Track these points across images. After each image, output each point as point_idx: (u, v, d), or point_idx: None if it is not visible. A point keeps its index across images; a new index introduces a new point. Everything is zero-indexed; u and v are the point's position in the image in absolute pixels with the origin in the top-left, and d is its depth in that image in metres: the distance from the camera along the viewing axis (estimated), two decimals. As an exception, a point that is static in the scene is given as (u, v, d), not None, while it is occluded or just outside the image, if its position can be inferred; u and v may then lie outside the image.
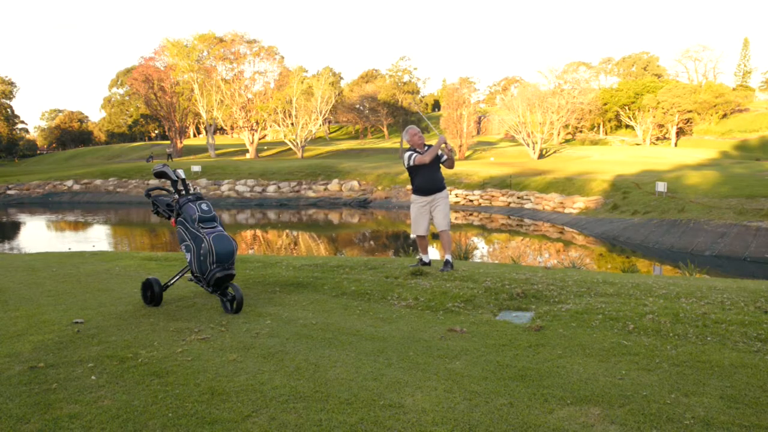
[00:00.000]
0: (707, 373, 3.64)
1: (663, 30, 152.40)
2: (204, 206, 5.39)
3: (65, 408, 3.13)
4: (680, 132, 57.71)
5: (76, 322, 4.83)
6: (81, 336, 4.44)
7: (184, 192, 5.61)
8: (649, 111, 56.21)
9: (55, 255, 10.07)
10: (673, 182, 24.22)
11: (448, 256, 6.96)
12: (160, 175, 5.70)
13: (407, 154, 6.88)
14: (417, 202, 7.01)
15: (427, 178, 6.89)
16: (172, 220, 5.49)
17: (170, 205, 5.60)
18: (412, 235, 7.20)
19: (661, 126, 57.96)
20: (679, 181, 24.79)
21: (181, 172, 5.64)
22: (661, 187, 22.93)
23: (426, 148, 6.88)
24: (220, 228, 5.36)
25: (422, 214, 6.99)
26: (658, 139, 59.10)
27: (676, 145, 55.89)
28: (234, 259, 5.28)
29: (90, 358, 3.93)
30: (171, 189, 5.76)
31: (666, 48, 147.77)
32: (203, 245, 5.14)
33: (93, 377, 3.57)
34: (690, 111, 54.91)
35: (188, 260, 5.32)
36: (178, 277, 5.65)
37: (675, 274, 13.01)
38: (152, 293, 5.43)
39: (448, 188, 7.23)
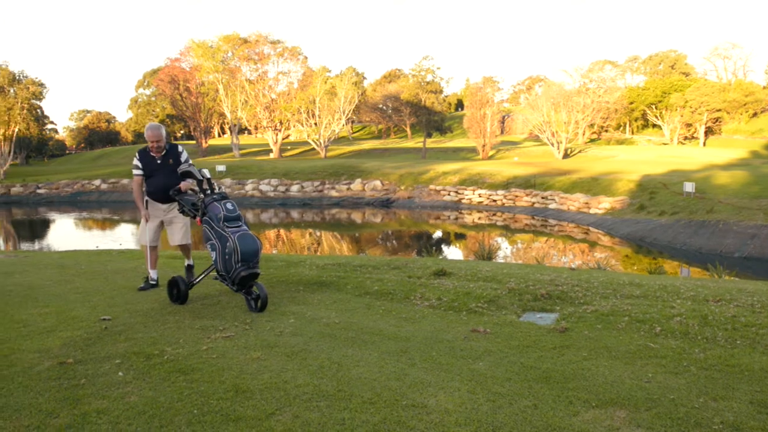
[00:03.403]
0: (737, 378, 3.57)
1: (691, 27, 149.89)
2: (229, 205, 5.40)
3: (93, 403, 3.18)
4: (709, 131, 56.65)
5: (104, 319, 4.91)
6: (108, 333, 4.52)
7: (209, 191, 5.62)
8: (676, 110, 55.28)
9: (84, 253, 10.26)
10: (702, 182, 23.80)
11: (191, 261, 6.59)
12: (185, 174, 5.76)
13: (134, 162, 6.27)
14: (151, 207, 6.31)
15: (160, 185, 6.14)
16: (198, 219, 5.52)
17: (195, 204, 5.64)
18: (140, 242, 6.48)
19: (689, 125, 56.95)
20: (707, 182, 24.35)
21: (206, 172, 5.65)
22: (689, 187, 22.55)
23: (159, 160, 6.15)
24: (245, 227, 5.37)
25: (154, 221, 6.34)
26: (685, 138, 58.11)
27: (704, 144, 54.89)
28: (259, 258, 5.29)
29: (117, 354, 4.00)
30: (196, 188, 5.80)
31: (694, 46, 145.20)
32: (228, 244, 5.16)
33: (120, 373, 3.63)
34: (719, 110, 53.87)
35: (213, 259, 5.35)
36: (203, 275, 5.70)
37: (703, 276, 12.79)
38: (178, 291, 5.46)
39: (471, 188, 7.06)
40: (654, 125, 61.99)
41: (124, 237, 23.88)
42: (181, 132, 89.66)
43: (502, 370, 3.72)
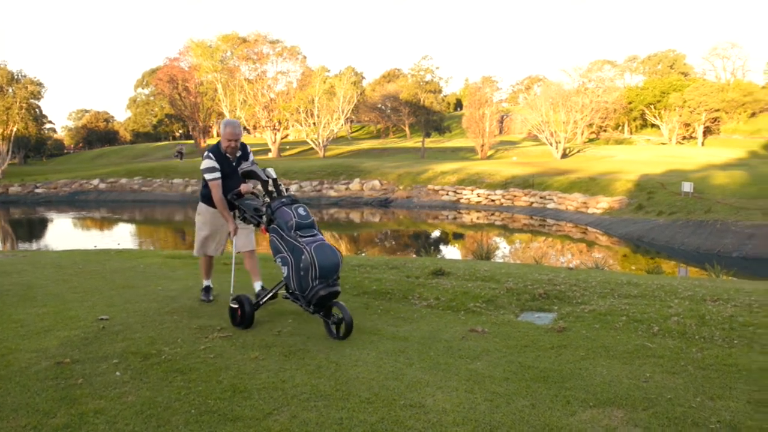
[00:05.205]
0: (734, 377, 3.58)
1: (690, 27, 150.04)
2: (301, 210, 4.61)
3: (90, 403, 3.18)
4: (707, 131, 56.64)
5: (102, 319, 4.90)
6: (106, 332, 4.51)
7: (275, 194, 4.84)
8: (675, 110, 55.26)
9: (82, 252, 10.23)
10: (700, 182, 23.82)
11: (261, 282, 5.47)
12: (247, 175, 5.08)
13: (210, 164, 5.24)
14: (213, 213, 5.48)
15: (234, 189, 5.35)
16: (263, 227, 4.80)
17: (259, 210, 4.96)
18: (198, 254, 5.67)
19: (687, 125, 56.93)
20: (705, 181, 24.37)
21: (271, 171, 4.89)
22: (687, 187, 22.57)
23: (234, 162, 5.34)
24: (321, 236, 4.58)
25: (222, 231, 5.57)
26: (684, 138, 58.10)
27: (702, 144, 54.89)
28: (339, 274, 4.52)
29: (115, 354, 3.99)
30: (257, 191, 5.16)
31: (693, 46, 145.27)
32: (303, 257, 4.34)
33: (117, 373, 3.63)
34: (717, 110, 53.85)
35: (284, 275, 4.53)
36: (270, 293, 4.90)
37: (701, 275, 12.80)
38: (242, 313, 4.65)
39: (469, 188, 6.85)
40: (652, 125, 61.99)
41: (122, 237, 23.85)
42: (180, 131, 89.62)
43: (500, 370, 3.72)
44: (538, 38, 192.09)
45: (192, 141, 63.80)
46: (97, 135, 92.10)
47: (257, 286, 5.38)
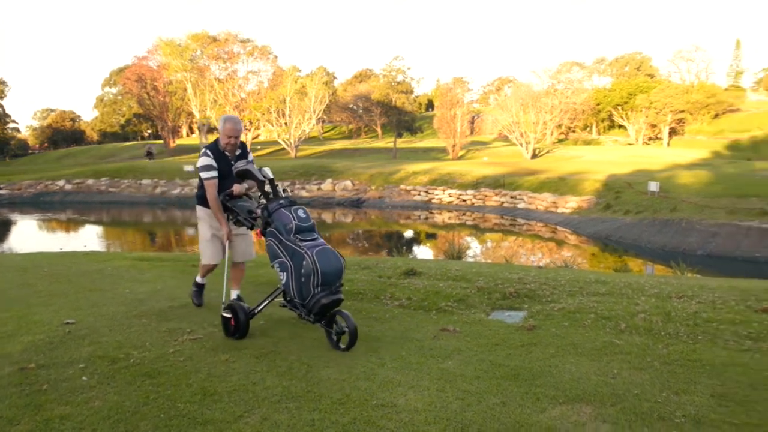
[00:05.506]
0: (698, 372, 3.67)
1: (656, 30, 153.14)
2: (301, 213, 4.37)
3: (56, 409, 3.11)
4: (672, 132, 57.92)
5: (67, 323, 4.79)
6: (72, 336, 4.42)
7: (272, 195, 4.58)
8: (641, 111, 56.39)
9: (47, 255, 10.00)
10: (666, 182, 24.34)
11: (239, 292, 5.29)
12: (242, 175, 4.79)
13: (207, 161, 4.91)
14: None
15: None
16: (257, 230, 4.58)
17: (252, 212, 4.70)
18: (209, 262, 5.23)
19: (653, 126, 58.15)
20: (671, 181, 24.90)
21: (268, 171, 4.64)
22: (653, 186, 23.04)
23: (233, 160, 5.00)
24: (322, 240, 4.33)
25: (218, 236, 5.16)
26: (650, 139, 59.30)
27: (668, 145, 56.10)
28: (342, 281, 4.31)
29: (81, 358, 3.91)
30: (251, 193, 4.94)
31: (659, 48, 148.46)
32: (305, 263, 4.09)
33: (84, 378, 3.55)
34: (682, 111, 55.12)
35: (283, 282, 4.28)
36: (267, 301, 4.63)
37: (667, 273, 13.07)
38: (236, 323, 4.38)
39: (441, 188, 6.79)
40: (620, 126, 63.14)
41: (89, 238, 23.38)
42: (148, 131, 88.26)
43: (471, 369, 3.75)
44: (508, 40, 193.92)
45: (161, 141, 62.84)
46: (63, 135, 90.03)
47: (234, 294, 5.19)
